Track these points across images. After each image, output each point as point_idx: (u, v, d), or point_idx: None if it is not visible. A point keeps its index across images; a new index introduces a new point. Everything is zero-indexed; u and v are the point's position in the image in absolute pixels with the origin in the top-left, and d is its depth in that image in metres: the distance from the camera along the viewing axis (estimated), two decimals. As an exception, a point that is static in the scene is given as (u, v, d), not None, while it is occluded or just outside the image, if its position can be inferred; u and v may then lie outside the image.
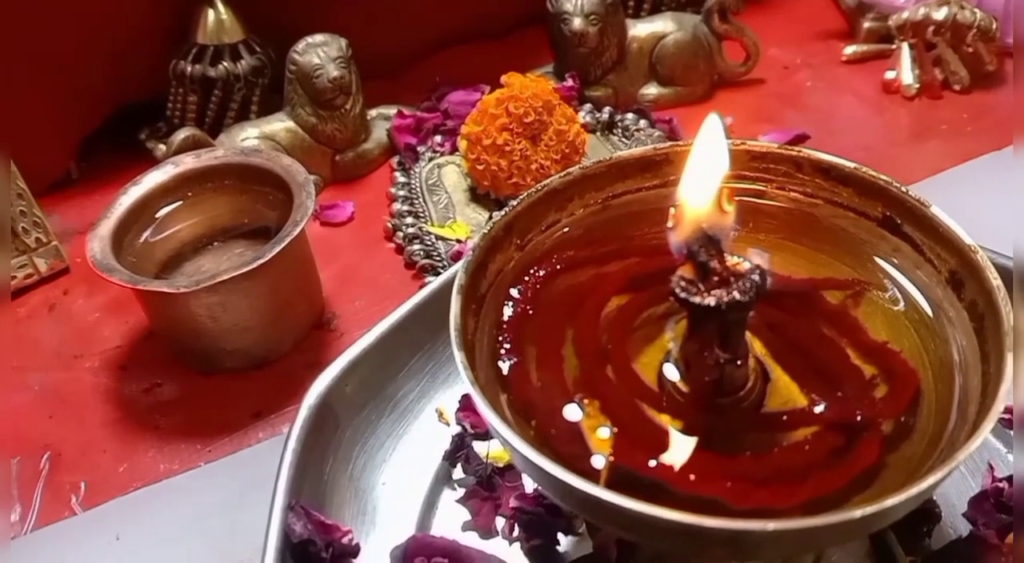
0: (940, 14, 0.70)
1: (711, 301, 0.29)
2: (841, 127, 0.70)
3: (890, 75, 0.73)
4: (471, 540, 0.40)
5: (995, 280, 0.31)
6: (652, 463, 0.29)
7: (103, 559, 0.42)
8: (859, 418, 0.30)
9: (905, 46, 0.72)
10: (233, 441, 0.50)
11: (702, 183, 0.31)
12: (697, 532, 0.25)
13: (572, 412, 0.32)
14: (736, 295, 0.29)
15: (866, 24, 0.77)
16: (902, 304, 0.35)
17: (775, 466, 0.30)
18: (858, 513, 0.25)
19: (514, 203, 0.37)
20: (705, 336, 0.31)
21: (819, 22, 0.81)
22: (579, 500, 0.27)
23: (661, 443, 0.31)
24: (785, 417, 0.31)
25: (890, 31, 0.74)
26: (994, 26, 0.70)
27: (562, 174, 0.38)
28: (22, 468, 0.50)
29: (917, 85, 0.72)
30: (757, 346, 0.34)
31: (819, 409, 0.31)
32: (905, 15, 0.71)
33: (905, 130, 0.70)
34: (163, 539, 0.43)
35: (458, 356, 0.30)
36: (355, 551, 0.38)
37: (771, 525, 0.24)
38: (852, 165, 0.36)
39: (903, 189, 0.35)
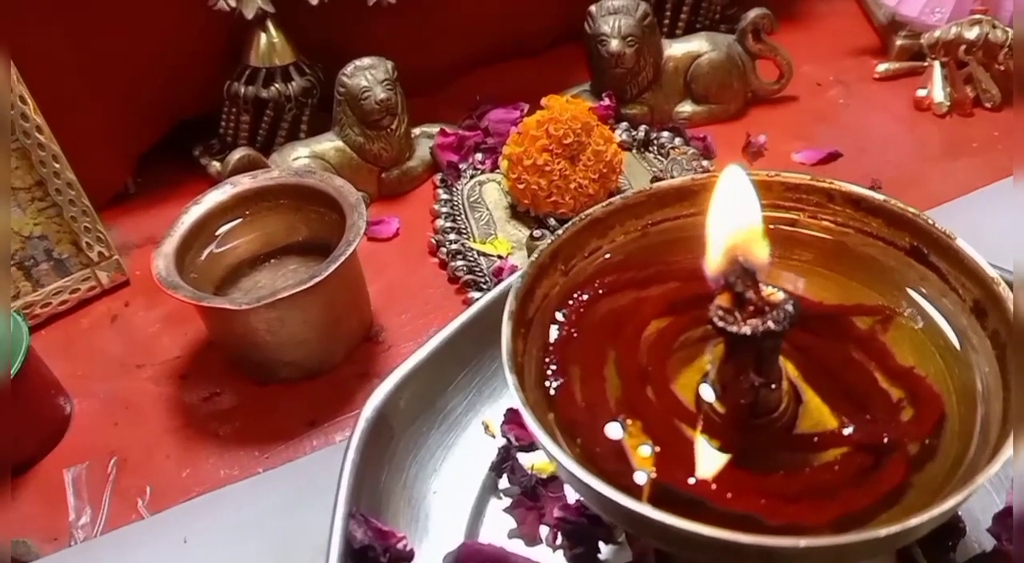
0: (972, 33, 0.71)
1: (747, 330, 0.31)
2: (873, 144, 0.72)
3: (922, 93, 0.74)
4: (516, 547, 0.42)
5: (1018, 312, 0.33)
6: (691, 480, 0.32)
7: (174, 559, 0.45)
8: (886, 440, 0.32)
9: (937, 64, 0.73)
10: (289, 448, 0.53)
11: (738, 219, 0.33)
12: (733, 547, 0.27)
13: (615, 431, 0.34)
14: (771, 324, 0.31)
15: (898, 42, 0.78)
16: (928, 330, 0.36)
17: (806, 484, 0.32)
18: (883, 532, 0.27)
19: (559, 232, 0.39)
20: (741, 361, 0.33)
21: (852, 39, 0.83)
22: (623, 515, 0.29)
23: (699, 462, 0.33)
24: (816, 438, 0.33)
25: (922, 49, 0.75)
26: (1026, 45, 0.71)
27: (604, 204, 0.40)
28: (91, 473, 0.53)
29: (948, 103, 0.73)
30: (790, 369, 0.36)
31: (848, 431, 0.33)
32: (937, 34, 0.73)
33: (936, 147, 0.71)
34: (227, 541, 0.46)
35: (510, 379, 0.33)
36: (409, 556, 0.40)
37: (803, 542, 0.27)
38: (881, 197, 0.38)
39: (930, 221, 0.37)
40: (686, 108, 0.74)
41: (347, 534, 0.38)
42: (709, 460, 0.33)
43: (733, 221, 0.33)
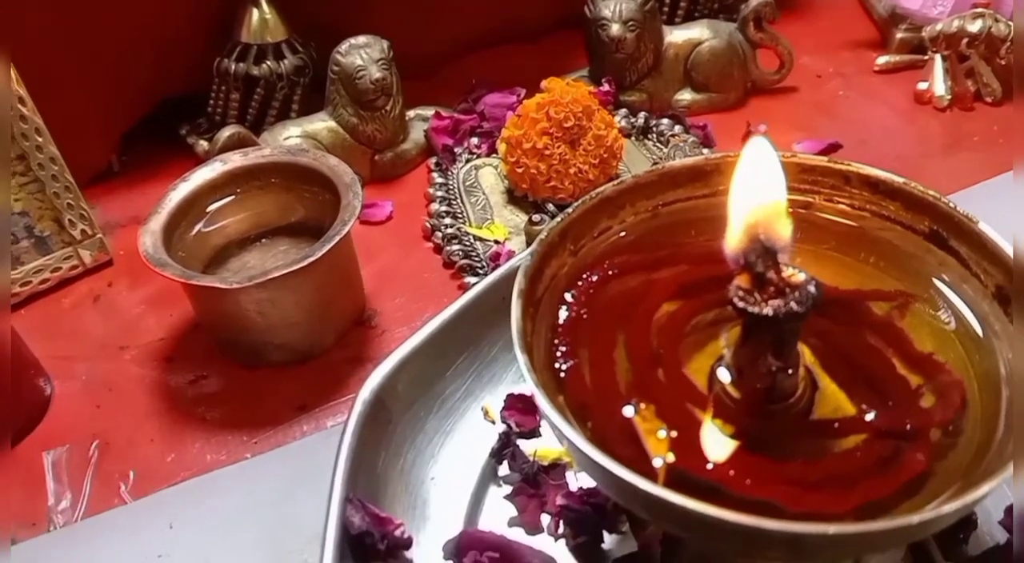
0: (975, 26, 0.71)
1: (768, 311, 0.30)
2: (873, 137, 0.71)
3: (922, 86, 0.73)
4: (517, 535, 0.41)
5: (1043, 296, 0.32)
6: (709, 466, 0.30)
7: (158, 545, 0.43)
8: (908, 427, 0.31)
9: (938, 57, 0.73)
10: (278, 433, 0.51)
11: (760, 196, 0.32)
12: (759, 534, 0.26)
13: (628, 415, 0.33)
14: (793, 305, 0.30)
15: (899, 35, 0.78)
16: (948, 317, 0.35)
17: (827, 472, 0.30)
18: (916, 519, 0.26)
19: (569, 210, 0.37)
20: (759, 344, 0.32)
21: (851, 32, 0.82)
22: (644, 500, 0.28)
23: (714, 448, 0.32)
24: (836, 424, 0.32)
25: (922, 42, 0.74)
26: (1028, 39, 0.71)
27: (615, 182, 0.39)
28: (72, 456, 0.51)
29: (949, 96, 0.72)
30: (806, 355, 0.35)
31: (870, 417, 0.32)
32: (939, 27, 0.72)
33: (937, 141, 0.71)
34: (216, 528, 0.44)
35: (521, 359, 0.31)
36: (408, 543, 0.39)
37: (831, 529, 0.25)
38: (901, 180, 0.37)
39: (951, 204, 0.36)
40: (685, 96, 0.73)
41: (344, 519, 0.37)
42: (725, 446, 0.32)
43: (755, 197, 0.32)
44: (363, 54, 0.64)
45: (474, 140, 0.70)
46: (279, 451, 0.48)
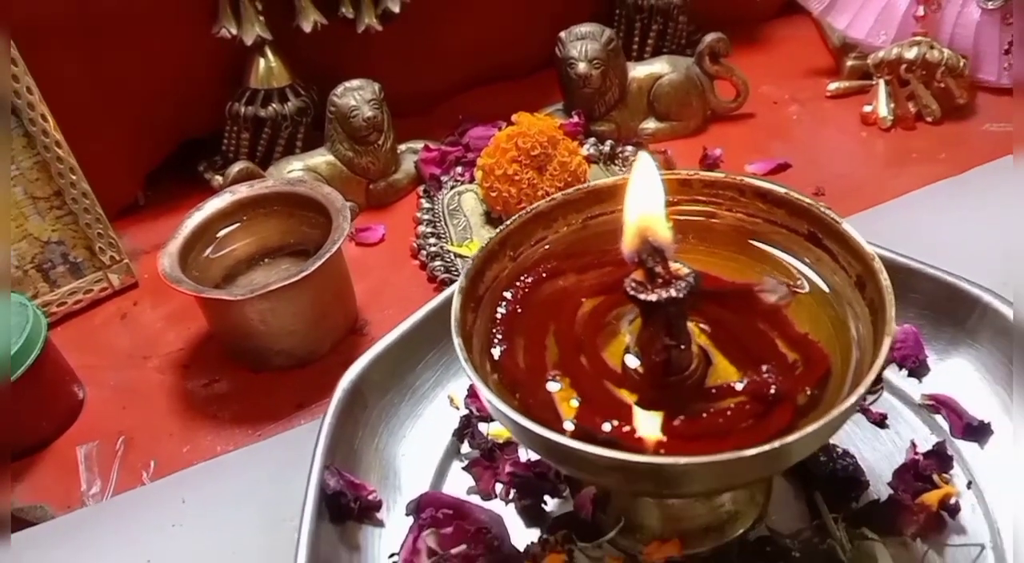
0: (911, 53, 0.78)
1: (653, 297, 0.37)
2: (823, 156, 0.78)
3: (867, 109, 0.80)
4: (474, 501, 0.48)
5: (886, 281, 0.38)
6: (607, 426, 0.37)
7: (173, 516, 0.51)
8: (773, 390, 0.38)
9: (882, 82, 0.80)
10: (278, 427, 0.59)
11: (649, 206, 0.39)
12: (626, 467, 0.33)
13: (548, 386, 0.40)
14: (673, 293, 0.37)
15: (849, 62, 0.85)
16: (821, 303, 0.42)
17: (704, 427, 0.37)
18: (749, 452, 0.32)
19: (508, 222, 0.45)
20: (654, 325, 0.39)
21: (809, 61, 0.89)
22: (535, 440, 0.35)
23: (617, 411, 0.38)
24: (714, 391, 0.39)
25: (870, 68, 0.81)
26: (962, 63, 0.77)
27: (548, 199, 0.46)
28: (101, 450, 0.59)
29: (892, 118, 0.79)
30: (703, 339, 0.42)
31: (739, 385, 0.39)
32: (881, 54, 0.79)
33: (880, 158, 0.77)
34: (222, 502, 0.51)
35: (456, 341, 0.39)
36: (378, 505, 0.46)
37: (683, 460, 0.32)
38: (783, 190, 0.44)
39: (821, 209, 0.43)
40: (650, 125, 0.80)
41: (322, 483, 0.44)
42: (626, 410, 0.39)
43: (642, 206, 0.39)
44: (356, 96, 0.73)
45: (458, 169, 0.77)
46: (276, 438, 0.56)
